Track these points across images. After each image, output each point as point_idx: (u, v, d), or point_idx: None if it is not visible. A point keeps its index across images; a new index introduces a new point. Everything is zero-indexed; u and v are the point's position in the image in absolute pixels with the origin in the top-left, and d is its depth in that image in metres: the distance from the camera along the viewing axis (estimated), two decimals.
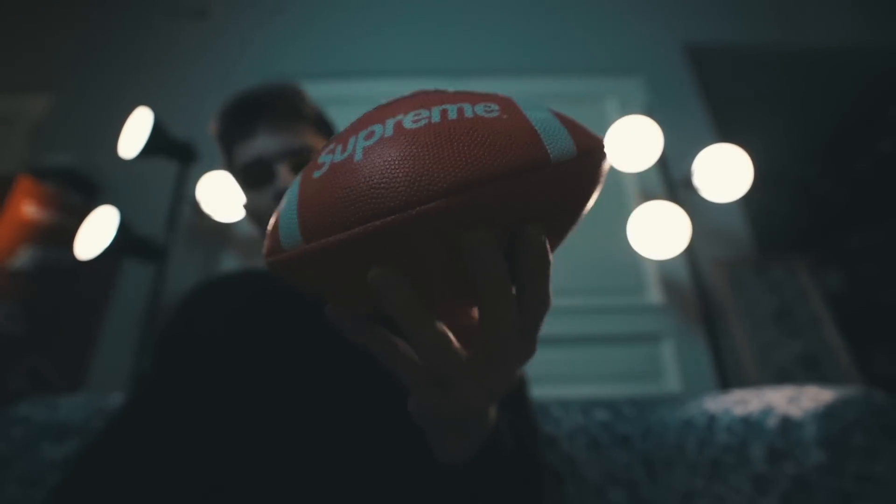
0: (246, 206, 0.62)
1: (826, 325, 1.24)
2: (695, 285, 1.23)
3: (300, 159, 0.59)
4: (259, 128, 0.59)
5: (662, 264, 1.40)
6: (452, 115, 0.22)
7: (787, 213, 2.94)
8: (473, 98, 0.24)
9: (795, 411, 0.58)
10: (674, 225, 1.22)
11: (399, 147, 0.21)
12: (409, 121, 0.23)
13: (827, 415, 0.54)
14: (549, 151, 0.21)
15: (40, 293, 1.22)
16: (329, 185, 0.22)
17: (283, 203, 0.25)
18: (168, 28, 1.91)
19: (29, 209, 1.24)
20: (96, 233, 1.14)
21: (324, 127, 0.69)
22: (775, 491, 0.59)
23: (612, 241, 1.43)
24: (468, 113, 0.22)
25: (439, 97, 0.24)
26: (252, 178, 0.59)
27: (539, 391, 1.23)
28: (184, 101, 1.69)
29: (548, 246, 0.22)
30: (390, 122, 0.23)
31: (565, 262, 1.41)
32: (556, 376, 1.26)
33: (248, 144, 0.59)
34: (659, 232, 1.23)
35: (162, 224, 1.27)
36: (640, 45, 1.82)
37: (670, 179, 1.34)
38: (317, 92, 1.69)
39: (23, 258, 1.20)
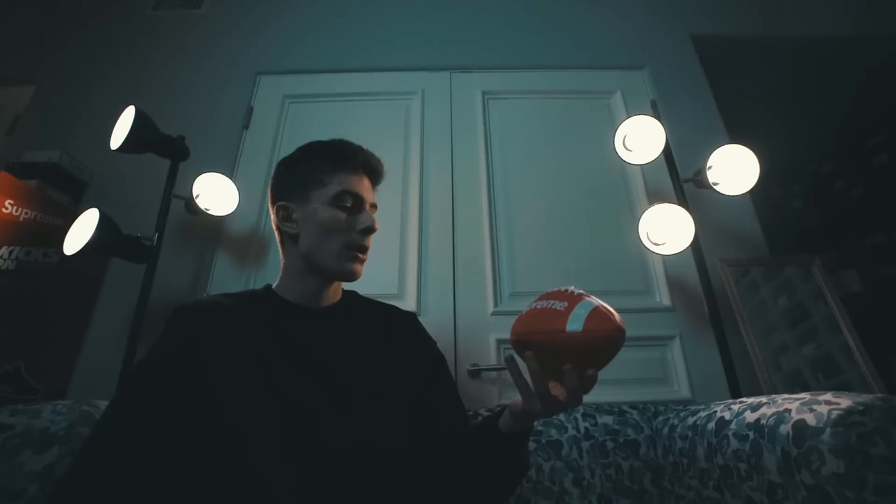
0: (326, 219, 0.77)
1: (843, 328, 1.19)
2: (704, 287, 1.20)
3: (373, 210, 0.83)
4: (365, 178, 0.82)
5: (670, 265, 1.37)
6: (547, 306, 0.55)
7: (801, 212, 2.88)
8: (564, 297, 0.54)
9: (811, 418, 0.55)
10: (681, 221, 1.19)
11: (529, 314, 0.58)
12: (539, 304, 0.57)
13: (844, 422, 0.51)
14: (566, 327, 0.51)
15: (21, 294, 1.19)
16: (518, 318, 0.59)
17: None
18: (159, 23, 1.91)
19: (7, 207, 1.21)
20: (81, 232, 1.13)
21: None
22: (791, 501, 0.56)
23: (619, 242, 1.40)
24: (551, 306, 0.54)
25: (557, 295, 0.56)
26: (350, 203, 0.78)
27: None
28: (175, 98, 1.68)
29: (594, 375, 0.52)
30: (536, 302, 0.58)
31: (568, 263, 1.38)
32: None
33: (355, 181, 0.79)
34: (667, 229, 1.20)
35: (151, 224, 1.25)
36: (647, 39, 1.79)
37: (677, 176, 1.31)
38: (315, 87, 1.70)
39: (2, 258, 1.18)
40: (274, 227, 0.82)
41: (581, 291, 0.54)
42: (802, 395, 0.60)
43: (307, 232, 0.77)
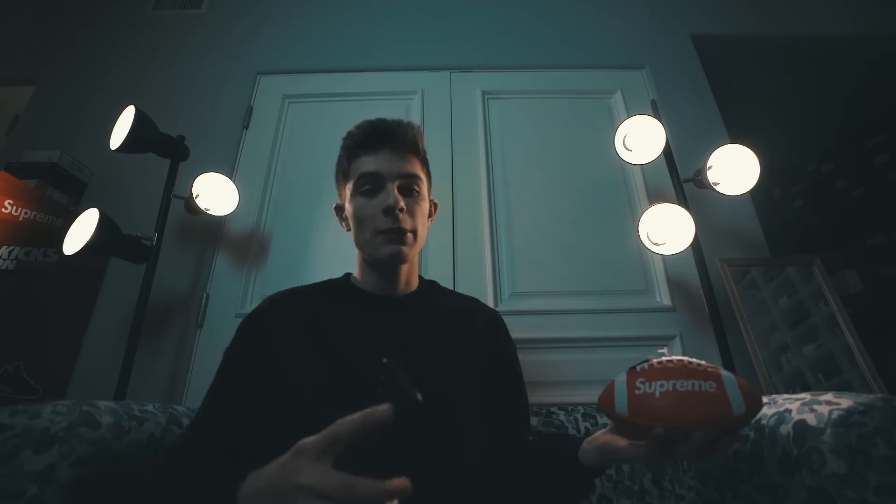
0: (354, 211, 0.75)
1: (843, 328, 1.19)
2: (704, 287, 1.19)
3: (407, 182, 0.75)
4: (384, 149, 0.75)
5: (670, 265, 1.37)
6: (695, 387, 0.51)
7: (801, 212, 2.88)
8: (707, 375, 0.52)
9: (811, 418, 0.55)
10: (681, 221, 1.19)
11: (672, 398, 0.51)
12: (679, 385, 0.52)
13: (845, 422, 0.51)
14: (733, 411, 0.48)
15: (21, 294, 1.19)
16: (641, 399, 0.53)
17: (616, 387, 0.58)
18: (159, 23, 1.91)
19: (7, 207, 1.21)
20: (81, 232, 1.12)
21: (426, 165, 0.84)
22: (791, 502, 0.56)
23: (619, 242, 1.40)
24: (700, 388, 0.51)
25: (693, 372, 0.53)
26: (367, 186, 0.74)
27: (543, 395, 1.20)
28: (175, 98, 1.68)
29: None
30: (669, 383, 0.53)
31: (568, 263, 1.38)
32: (561, 380, 1.23)
33: (372, 160, 0.74)
34: (667, 229, 1.20)
35: (151, 224, 1.25)
36: (647, 39, 1.79)
37: (678, 176, 1.31)
38: (315, 87, 1.69)
39: (2, 257, 1.18)
40: None
41: (703, 363, 0.54)
42: (803, 395, 0.60)
43: (351, 226, 0.78)
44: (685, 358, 0.55)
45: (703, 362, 0.54)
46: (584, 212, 1.45)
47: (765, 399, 0.67)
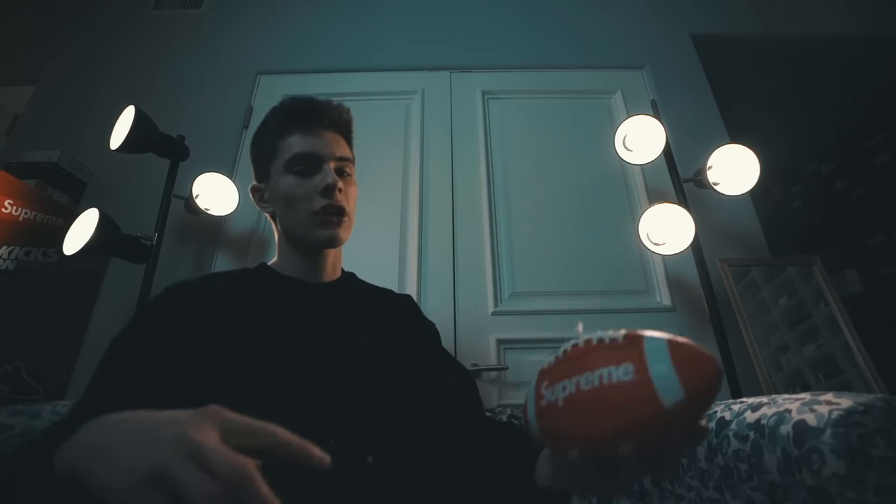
0: (284, 190, 0.71)
1: (843, 328, 1.19)
2: (704, 287, 1.19)
3: (342, 165, 0.74)
4: (319, 129, 0.73)
5: (671, 265, 1.36)
6: (603, 381, 0.34)
7: (801, 212, 2.87)
8: (621, 355, 0.35)
9: (811, 418, 0.55)
10: (681, 221, 1.19)
11: (577, 404, 0.35)
12: (583, 382, 0.35)
13: (845, 422, 0.51)
14: (662, 402, 0.31)
15: (21, 294, 1.19)
16: (546, 411, 0.38)
17: (528, 395, 0.41)
18: (159, 23, 1.91)
19: (7, 207, 1.21)
20: (81, 232, 1.12)
21: (352, 144, 0.82)
22: (791, 502, 0.56)
23: (619, 242, 1.40)
24: (610, 380, 0.34)
25: (602, 355, 0.36)
26: (304, 166, 0.70)
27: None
28: (175, 98, 1.68)
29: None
30: (572, 381, 0.36)
31: (568, 263, 1.38)
32: None
33: (307, 140, 0.71)
34: (667, 229, 1.20)
35: (151, 224, 1.25)
36: (647, 39, 1.79)
37: (678, 176, 1.31)
38: (315, 87, 1.69)
39: (1, 258, 1.18)
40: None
41: (619, 335, 0.37)
42: (803, 395, 0.60)
43: (278, 209, 0.74)
44: (597, 333, 0.38)
45: (619, 333, 0.37)
46: (584, 212, 1.45)
47: (764, 399, 0.67)
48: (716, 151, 1.25)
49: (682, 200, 1.27)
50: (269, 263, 0.77)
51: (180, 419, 0.30)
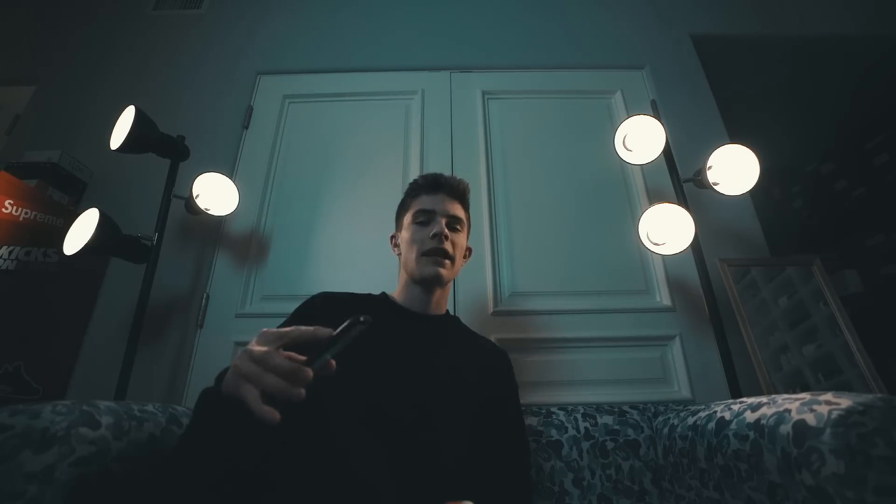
0: (408, 236, 0.93)
1: (843, 328, 1.19)
2: (704, 287, 1.19)
3: (452, 221, 0.94)
4: (441, 193, 0.96)
5: (670, 265, 1.37)
6: None
7: (801, 212, 2.87)
8: None
9: (811, 418, 0.55)
10: (681, 221, 1.19)
11: None
12: None
13: (845, 422, 0.51)
14: None
15: (21, 294, 1.19)
16: None
17: None
18: (159, 23, 1.91)
19: (7, 207, 1.21)
20: (81, 232, 1.12)
21: (468, 215, 1.02)
22: (791, 502, 0.56)
23: (619, 242, 1.40)
24: None
25: None
26: (422, 218, 0.93)
27: (543, 395, 1.20)
28: (175, 98, 1.68)
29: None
30: None
31: (568, 263, 1.38)
32: (561, 380, 1.23)
33: (429, 199, 0.94)
34: (667, 229, 1.20)
35: (151, 224, 1.25)
36: (647, 39, 1.79)
37: (677, 176, 1.31)
38: (315, 87, 1.70)
39: (2, 257, 1.18)
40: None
41: None
42: (802, 395, 0.60)
43: (402, 250, 0.94)
44: None
45: None
46: (584, 212, 1.45)
47: (764, 399, 0.67)
48: (716, 151, 1.25)
49: (682, 200, 1.27)
50: (390, 295, 0.96)
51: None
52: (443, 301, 0.95)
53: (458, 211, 0.96)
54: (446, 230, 0.90)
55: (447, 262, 0.89)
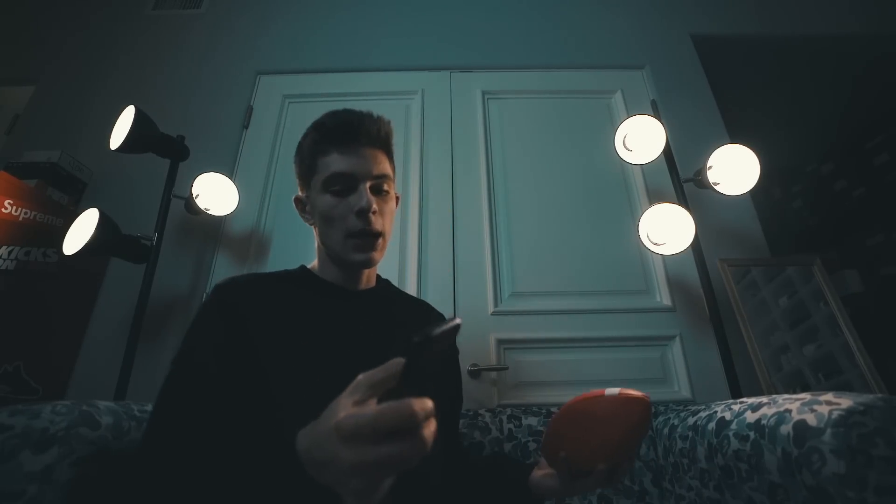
0: (322, 209, 0.71)
1: (843, 328, 1.19)
2: (704, 287, 1.19)
3: (379, 182, 0.72)
4: (355, 146, 0.71)
5: (671, 265, 1.37)
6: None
7: (801, 212, 2.87)
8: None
9: (811, 418, 0.55)
10: (681, 221, 1.19)
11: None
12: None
13: (845, 422, 0.51)
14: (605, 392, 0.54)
15: (21, 294, 1.19)
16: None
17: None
18: (159, 23, 1.91)
19: (7, 207, 1.21)
20: (81, 232, 1.12)
21: (393, 159, 0.80)
22: (791, 502, 0.56)
23: (619, 242, 1.40)
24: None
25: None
26: (340, 186, 0.70)
27: (543, 395, 1.20)
28: (175, 98, 1.68)
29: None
30: None
31: (568, 263, 1.38)
32: (561, 380, 1.23)
33: (343, 158, 0.70)
34: (667, 229, 1.20)
35: (151, 224, 1.25)
36: (647, 39, 1.79)
37: (678, 176, 1.31)
38: (315, 87, 1.69)
39: (1, 257, 1.18)
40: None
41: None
42: (803, 395, 0.60)
43: (317, 223, 0.75)
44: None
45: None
46: (584, 212, 1.45)
47: (764, 399, 0.67)
48: (716, 151, 1.25)
49: (682, 200, 1.27)
50: (308, 267, 0.79)
51: (323, 423, 0.37)
52: (373, 273, 0.81)
53: (385, 166, 0.74)
54: (374, 202, 0.70)
55: (379, 241, 0.72)
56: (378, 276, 0.84)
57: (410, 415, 0.32)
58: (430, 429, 0.33)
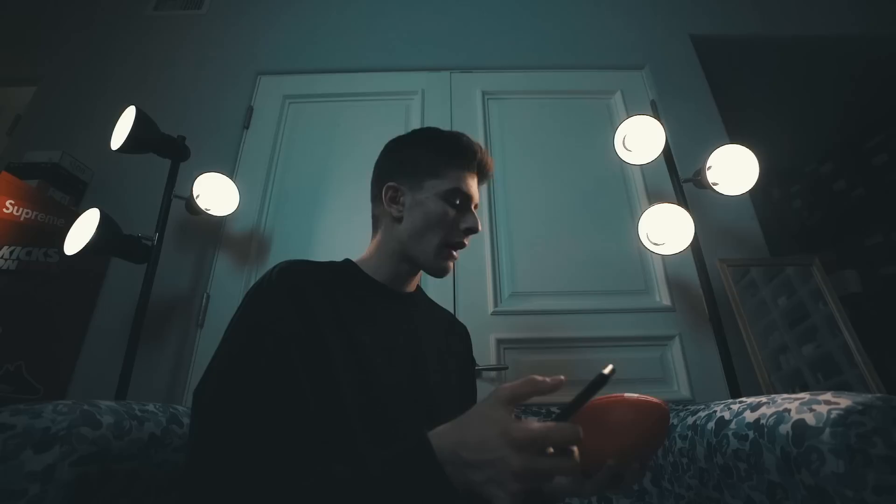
0: (433, 211, 0.75)
1: (842, 328, 1.19)
2: (704, 287, 1.20)
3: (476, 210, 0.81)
4: (481, 179, 0.82)
5: (670, 265, 1.37)
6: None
7: (800, 212, 2.88)
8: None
9: (810, 418, 0.55)
10: (681, 221, 1.19)
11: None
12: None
13: (844, 422, 0.51)
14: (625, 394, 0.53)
15: (22, 294, 1.19)
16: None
17: None
18: (159, 23, 1.91)
19: (8, 207, 1.21)
20: (82, 232, 1.13)
21: None
22: (790, 501, 0.56)
23: (619, 242, 1.41)
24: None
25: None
26: (459, 201, 0.76)
27: (542, 395, 1.20)
28: (175, 98, 1.69)
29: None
30: None
31: (568, 263, 1.38)
32: None
33: (468, 181, 0.78)
34: (667, 229, 1.20)
35: (151, 224, 1.25)
36: (647, 39, 1.80)
37: (677, 176, 1.31)
38: (315, 87, 1.70)
39: (3, 258, 1.18)
40: (375, 203, 0.82)
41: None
42: (802, 394, 0.60)
43: (413, 219, 0.75)
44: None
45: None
46: (584, 212, 1.45)
47: (763, 398, 0.67)
48: (715, 152, 1.25)
49: (682, 200, 1.27)
50: (356, 261, 0.79)
51: (476, 428, 0.44)
52: (420, 276, 0.84)
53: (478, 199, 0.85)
54: (479, 225, 0.78)
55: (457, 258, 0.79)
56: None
57: (576, 438, 0.38)
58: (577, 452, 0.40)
